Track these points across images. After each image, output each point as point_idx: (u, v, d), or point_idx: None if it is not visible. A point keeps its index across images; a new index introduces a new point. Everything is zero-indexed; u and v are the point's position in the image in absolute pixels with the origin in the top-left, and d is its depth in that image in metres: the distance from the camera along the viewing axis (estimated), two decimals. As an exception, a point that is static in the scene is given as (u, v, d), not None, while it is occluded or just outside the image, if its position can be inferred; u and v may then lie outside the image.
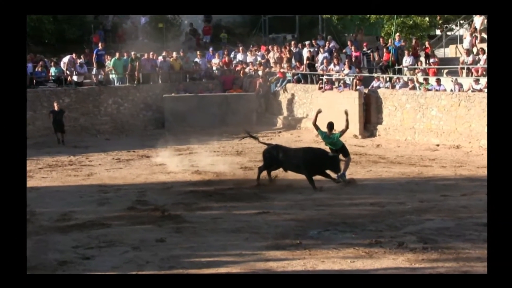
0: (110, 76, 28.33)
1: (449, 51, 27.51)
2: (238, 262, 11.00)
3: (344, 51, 28.31)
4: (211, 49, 31.32)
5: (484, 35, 25.48)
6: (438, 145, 21.91)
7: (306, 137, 24.56)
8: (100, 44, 28.74)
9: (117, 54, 28.16)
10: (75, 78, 27.49)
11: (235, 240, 12.29)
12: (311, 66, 27.59)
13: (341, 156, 16.77)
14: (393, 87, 24.55)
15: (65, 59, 27.66)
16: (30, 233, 12.86)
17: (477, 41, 25.29)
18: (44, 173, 19.31)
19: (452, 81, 22.82)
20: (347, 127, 16.87)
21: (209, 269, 10.73)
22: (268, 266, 10.78)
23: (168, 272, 10.56)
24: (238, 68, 29.76)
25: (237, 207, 14.76)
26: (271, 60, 29.36)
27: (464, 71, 23.68)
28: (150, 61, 28.87)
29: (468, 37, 25.42)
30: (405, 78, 24.59)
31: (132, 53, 28.44)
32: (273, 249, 11.59)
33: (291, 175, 17.15)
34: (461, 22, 28.49)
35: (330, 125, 16.92)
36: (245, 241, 12.15)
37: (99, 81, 27.92)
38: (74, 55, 27.81)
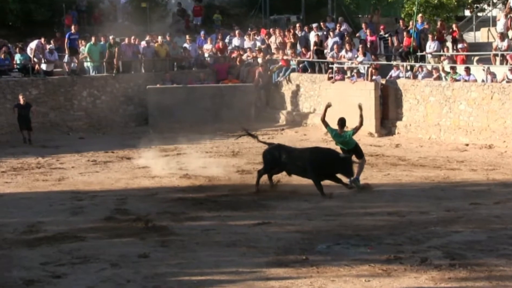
0: (85, 64, 28.33)
1: (480, 35, 27.54)
2: (234, 281, 11.00)
3: (357, 35, 28.31)
4: (202, 32, 31.32)
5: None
6: (467, 145, 21.93)
7: (313, 136, 24.59)
8: (73, 27, 28.72)
9: (93, 39, 28.16)
10: (44, 66, 27.51)
11: (230, 255, 12.29)
12: (320, 52, 27.58)
13: (354, 158, 16.77)
14: (415, 77, 24.56)
15: (32, 44, 27.70)
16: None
17: (512, 24, 25.33)
18: (7, 177, 19.30)
19: (483, 70, 22.85)
20: (361, 123, 16.86)
21: (200, 289, 10.75)
22: (269, 285, 10.79)
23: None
24: (234, 54, 29.76)
25: (232, 217, 14.76)
26: (273, 46, 29.37)
27: (498, 59, 23.69)
28: (132, 46, 28.86)
29: (503, 18, 25.43)
30: (429, 67, 24.62)
31: (111, 37, 28.47)
32: (274, 266, 11.59)
33: (296, 179, 17.15)
34: (494, 1, 28.50)
35: (342, 122, 16.91)
36: (242, 257, 12.15)
37: (72, 70, 27.92)
38: (42, 40, 27.85)
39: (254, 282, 10.94)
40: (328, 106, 17.05)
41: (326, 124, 16.98)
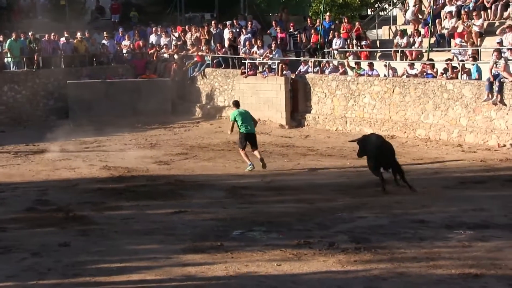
0: (5, 60, 27.64)
1: (382, 33, 27.97)
2: (152, 268, 10.92)
3: (268, 32, 28.40)
4: (121, 29, 30.94)
5: (419, 15, 26.02)
6: (371, 135, 22.25)
7: (228, 128, 24.53)
8: None
9: (14, 35, 27.49)
10: (-37, 61, 26.78)
11: (148, 243, 12.20)
12: (233, 48, 27.56)
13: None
14: (323, 72, 24.80)
15: (-49, 39, 26.97)
16: None
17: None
18: None
19: (385, 65, 23.21)
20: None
21: (119, 276, 10.61)
22: (186, 271, 10.73)
23: (72, 280, 10.40)
24: (151, 51, 29.51)
25: (150, 206, 14.66)
26: (188, 42, 29.22)
27: (398, 55, 24.13)
28: (51, 43, 28.35)
29: (411, 7, 25.77)
30: (335, 62, 24.88)
31: (30, 33, 27.89)
32: (191, 253, 11.55)
33: (211, 168, 17.15)
34: (395, 1, 29.00)
35: (236, 102, 18.76)
36: (160, 244, 12.07)
37: (-8, 65, 27.26)
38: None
39: (171, 268, 10.88)
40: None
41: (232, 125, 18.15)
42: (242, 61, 26.47)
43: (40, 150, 21.41)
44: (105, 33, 30.06)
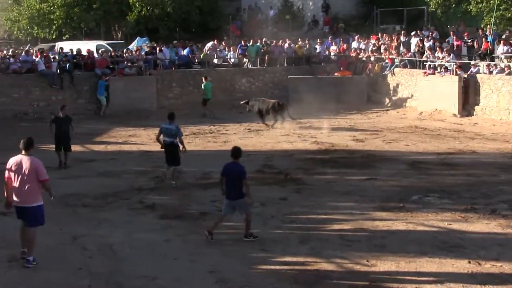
0: (244, 59, 28.62)
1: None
2: (348, 221, 10.98)
3: (446, 40, 27.19)
4: (330, 37, 30.97)
5: None
6: (530, 125, 20.80)
7: (411, 115, 23.89)
8: (243, 42, 28.73)
9: (251, 41, 28.44)
10: (215, 61, 27.99)
11: (346, 201, 12.26)
12: (421, 53, 26.68)
13: None
14: (490, 72, 23.39)
15: (209, 44, 28.33)
16: (177, 188, 13.37)
17: None
18: (189, 139, 19.65)
19: (545, 67, 21.49)
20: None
21: (324, 225, 10.76)
22: (375, 224, 10.70)
23: (289, 225, 10.65)
24: (353, 54, 29.27)
25: (348, 173, 14.69)
26: (382, 47, 28.65)
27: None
28: (278, 47, 28.96)
29: None
30: (502, 65, 23.38)
31: (263, 40, 28.69)
32: (379, 210, 11.49)
33: (396, 146, 16.80)
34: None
35: (206, 76, 24.26)
36: (355, 203, 12.10)
37: (234, 63, 28.27)
38: (215, 41, 28.38)
39: (363, 221, 10.90)
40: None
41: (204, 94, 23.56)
42: (424, 63, 25.58)
43: (267, 127, 21.89)
44: (318, 40, 30.22)
